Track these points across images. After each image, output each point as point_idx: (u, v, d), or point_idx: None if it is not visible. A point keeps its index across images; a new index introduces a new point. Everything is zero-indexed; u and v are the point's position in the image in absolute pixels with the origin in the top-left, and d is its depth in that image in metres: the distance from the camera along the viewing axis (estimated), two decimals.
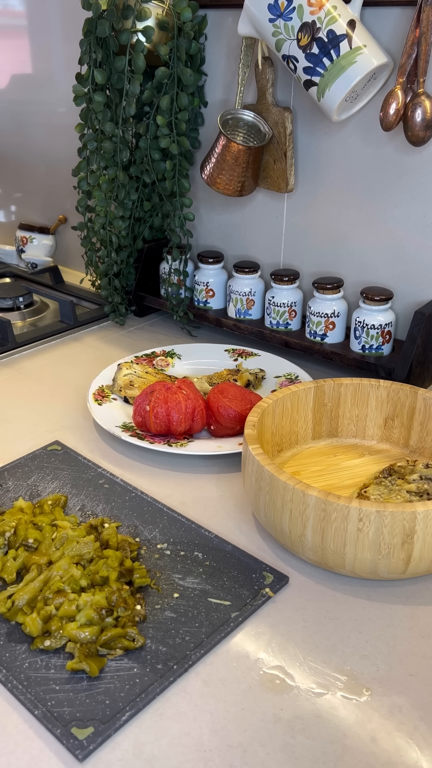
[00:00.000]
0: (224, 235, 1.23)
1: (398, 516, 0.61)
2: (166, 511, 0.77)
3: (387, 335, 1.00)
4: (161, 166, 1.12)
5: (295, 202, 1.11)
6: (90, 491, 0.80)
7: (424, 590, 0.67)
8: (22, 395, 1.03)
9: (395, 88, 0.86)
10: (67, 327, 1.23)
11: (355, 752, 0.52)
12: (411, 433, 0.85)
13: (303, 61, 0.89)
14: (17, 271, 1.52)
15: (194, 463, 0.87)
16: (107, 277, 1.22)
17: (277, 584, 0.67)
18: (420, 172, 0.96)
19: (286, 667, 0.59)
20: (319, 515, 0.63)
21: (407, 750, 0.53)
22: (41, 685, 0.57)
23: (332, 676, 0.59)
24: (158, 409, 0.87)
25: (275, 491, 0.66)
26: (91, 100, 1.07)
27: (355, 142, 1.01)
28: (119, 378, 0.99)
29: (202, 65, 1.13)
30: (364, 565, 0.64)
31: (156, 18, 1.04)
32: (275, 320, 1.09)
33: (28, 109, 1.47)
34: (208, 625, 0.62)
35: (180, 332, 1.23)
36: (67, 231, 1.52)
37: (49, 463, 0.85)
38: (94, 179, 1.13)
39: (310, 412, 0.86)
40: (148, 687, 0.57)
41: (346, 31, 0.86)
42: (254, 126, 1.07)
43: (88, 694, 0.56)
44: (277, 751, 0.52)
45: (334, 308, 1.03)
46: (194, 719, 0.55)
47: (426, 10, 0.83)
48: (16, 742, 0.53)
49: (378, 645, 0.61)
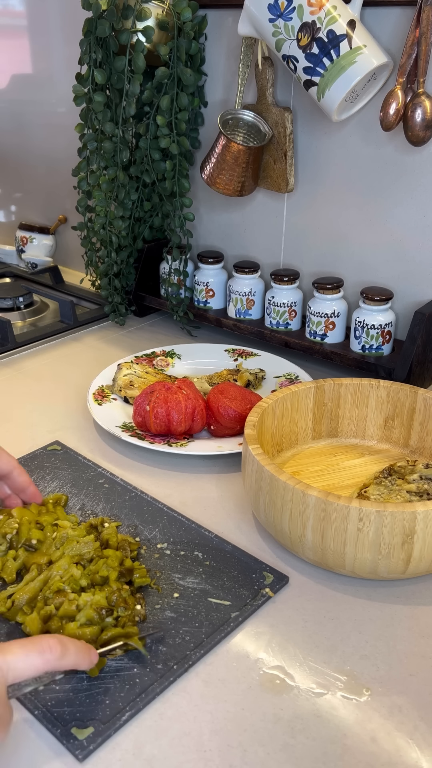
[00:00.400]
0: (224, 235, 1.23)
1: (398, 516, 0.61)
2: (166, 510, 0.77)
3: (387, 335, 1.00)
4: (161, 166, 1.12)
5: (295, 202, 1.11)
6: (90, 491, 0.80)
7: (424, 590, 0.67)
8: (22, 395, 1.03)
9: (395, 88, 0.86)
10: (67, 327, 1.23)
11: (355, 752, 0.52)
12: (411, 433, 0.85)
13: (303, 61, 0.89)
14: (17, 271, 1.52)
15: (194, 463, 0.87)
16: (107, 277, 1.22)
17: (277, 584, 0.67)
18: (420, 172, 0.96)
19: (286, 667, 0.59)
20: (319, 515, 0.63)
21: (407, 750, 0.53)
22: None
23: (332, 676, 0.59)
24: (158, 409, 0.87)
25: (275, 491, 0.66)
26: (91, 100, 1.07)
27: (355, 142, 1.01)
28: (119, 378, 0.99)
29: (202, 65, 1.13)
30: (364, 565, 0.64)
31: (156, 18, 1.04)
32: (275, 320, 1.09)
33: (28, 109, 1.47)
34: (208, 625, 0.62)
35: (180, 332, 1.23)
36: (67, 231, 1.52)
37: (49, 463, 0.85)
38: (94, 179, 1.13)
39: (310, 412, 0.86)
40: (148, 687, 0.57)
41: (346, 31, 0.86)
42: (254, 126, 1.07)
43: (88, 694, 0.56)
44: (277, 751, 0.52)
45: (334, 308, 1.03)
46: (194, 719, 0.55)
47: (426, 10, 0.83)
48: (16, 742, 0.53)
49: (378, 645, 0.61)
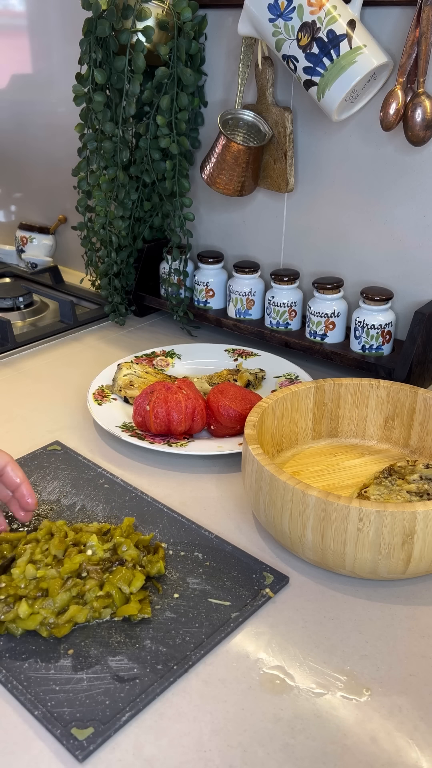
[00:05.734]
0: (224, 235, 1.23)
1: (398, 516, 0.61)
2: (166, 511, 0.77)
3: (387, 335, 0.99)
4: (161, 166, 1.12)
5: (295, 202, 1.11)
6: (90, 491, 0.80)
7: (424, 590, 0.67)
8: (22, 395, 1.03)
9: (395, 88, 0.86)
10: (67, 327, 1.23)
11: (355, 752, 0.52)
12: (411, 433, 0.85)
13: (303, 61, 0.89)
14: (17, 271, 1.52)
15: (194, 463, 0.87)
16: (107, 277, 1.22)
17: (278, 584, 0.67)
18: (420, 172, 0.96)
19: (286, 667, 0.59)
20: (319, 515, 0.63)
21: (407, 750, 0.53)
22: (41, 686, 0.57)
23: (332, 676, 0.59)
24: (158, 409, 0.87)
25: (275, 491, 0.66)
26: (91, 100, 1.07)
27: (355, 142, 1.01)
28: (119, 378, 0.99)
29: (202, 65, 1.13)
30: (364, 565, 0.64)
31: (156, 18, 1.04)
32: (275, 320, 1.09)
33: (28, 109, 1.47)
34: (209, 625, 0.62)
35: (180, 332, 1.23)
36: (67, 231, 1.52)
37: (49, 463, 0.85)
38: (94, 179, 1.13)
39: (310, 412, 0.86)
40: (148, 687, 0.57)
41: (346, 31, 0.86)
42: (254, 126, 1.07)
43: (88, 694, 0.56)
44: (277, 751, 0.52)
45: (334, 308, 1.03)
46: (194, 719, 0.55)
47: (426, 10, 0.83)
48: (16, 743, 0.53)
49: (378, 645, 0.61)
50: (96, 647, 0.60)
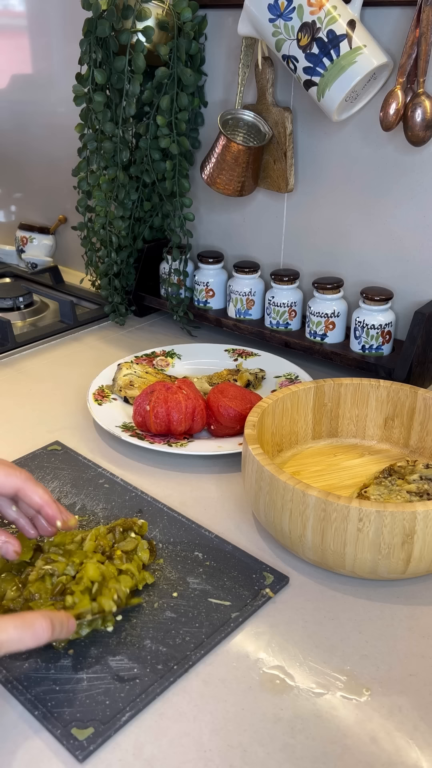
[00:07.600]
0: (224, 235, 1.23)
1: (398, 516, 0.61)
2: (166, 511, 0.77)
3: (387, 335, 1.00)
4: (161, 166, 1.12)
5: (295, 202, 1.11)
6: (90, 491, 0.80)
7: (424, 590, 0.67)
8: (22, 395, 1.03)
9: (395, 88, 0.86)
10: (67, 327, 1.23)
11: (355, 752, 0.52)
12: (411, 433, 0.85)
13: (303, 61, 0.89)
14: (17, 271, 1.52)
15: (194, 463, 0.87)
16: (107, 277, 1.22)
17: (278, 584, 0.67)
18: (420, 172, 0.96)
19: (286, 667, 0.59)
20: (319, 515, 0.63)
21: (407, 750, 0.53)
22: (41, 686, 0.57)
23: (332, 676, 0.59)
24: (158, 409, 0.87)
25: (275, 491, 0.66)
26: (91, 100, 1.07)
27: (355, 142, 1.01)
28: (119, 378, 0.99)
29: (202, 65, 1.13)
30: (364, 565, 0.64)
31: (156, 18, 1.04)
32: (275, 320, 1.09)
33: (28, 109, 1.47)
34: (209, 625, 0.62)
35: (180, 332, 1.23)
36: (67, 231, 1.52)
37: (49, 463, 0.85)
38: (94, 179, 1.13)
39: (310, 412, 0.86)
40: (148, 687, 0.57)
41: (346, 31, 0.86)
42: (254, 126, 1.07)
43: (88, 694, 0.56)
44: (277, 751, 0.52)
45: (334, 308, 1.03)
46: (194, 719, 0.55)
47: (426, 10, 0.83)
48: (16, 743, 0.53)
49: (378, 645, 0.61)
50: (96, 647, 0.60)
